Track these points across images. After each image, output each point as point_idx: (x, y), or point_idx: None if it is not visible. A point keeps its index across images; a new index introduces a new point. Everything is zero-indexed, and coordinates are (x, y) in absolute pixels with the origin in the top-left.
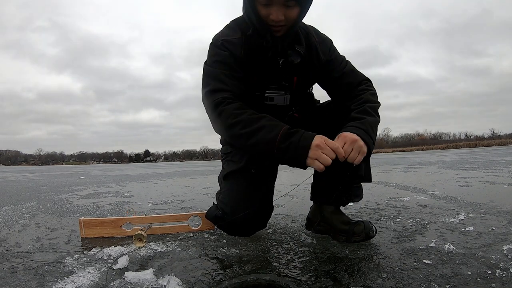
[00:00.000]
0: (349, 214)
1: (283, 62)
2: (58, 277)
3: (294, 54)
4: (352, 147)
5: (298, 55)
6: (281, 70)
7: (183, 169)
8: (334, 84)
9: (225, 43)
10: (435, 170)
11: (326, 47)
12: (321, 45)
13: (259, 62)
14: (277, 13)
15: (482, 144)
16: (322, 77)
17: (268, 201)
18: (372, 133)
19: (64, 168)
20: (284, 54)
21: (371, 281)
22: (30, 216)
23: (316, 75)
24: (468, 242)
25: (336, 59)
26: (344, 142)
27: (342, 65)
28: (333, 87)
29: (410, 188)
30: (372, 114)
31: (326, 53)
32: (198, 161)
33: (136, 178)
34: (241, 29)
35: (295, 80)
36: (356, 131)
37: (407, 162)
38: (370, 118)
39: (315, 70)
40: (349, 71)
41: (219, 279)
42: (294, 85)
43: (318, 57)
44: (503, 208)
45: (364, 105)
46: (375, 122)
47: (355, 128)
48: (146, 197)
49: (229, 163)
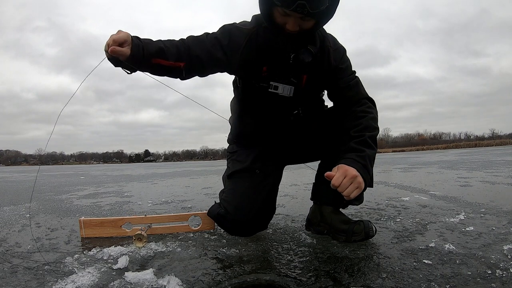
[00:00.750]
0: (349, 214)
1: (294, 58)
2: (58, 277)
3: (306, 52)
4: (351, 182)
5: (309, 54)
6: (291, 66)
7: (183, 169)
8: (338, 94)
9: (234, 29)
10: (435, 170)
11: (339, 55)
12: (334, 51)
13: (270, 55)
14: (293, 24)
15: (482, 144)
16: (329, 83)
17: (270, 203)
18: (370, 167)
19: (64, 168)
20: (296, 51)
21: (371, 281)
22: (30, 216)
23: (325, 79)
24: (468, 242)
25: (347, 69)
26: (344, 176)
27: (350, 77)
28: (336, 97)
29: (410, 188)
30: (372, 146)
31: (338, 60)
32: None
33: (136, 178)
34: (259, 22)
35: (304, 78)
36: (355, 165)
37: (407, 162)
38: (370, 151)
39: (324, 73)
40: (355, 84)
41: (219, 279)
42: (303, 83)
43: (329, 61)
44: (503, 208)
45: (364, 134)
46: (373, 155)
47: (355, 162)
48: (146, 197)
49: (234, 162)
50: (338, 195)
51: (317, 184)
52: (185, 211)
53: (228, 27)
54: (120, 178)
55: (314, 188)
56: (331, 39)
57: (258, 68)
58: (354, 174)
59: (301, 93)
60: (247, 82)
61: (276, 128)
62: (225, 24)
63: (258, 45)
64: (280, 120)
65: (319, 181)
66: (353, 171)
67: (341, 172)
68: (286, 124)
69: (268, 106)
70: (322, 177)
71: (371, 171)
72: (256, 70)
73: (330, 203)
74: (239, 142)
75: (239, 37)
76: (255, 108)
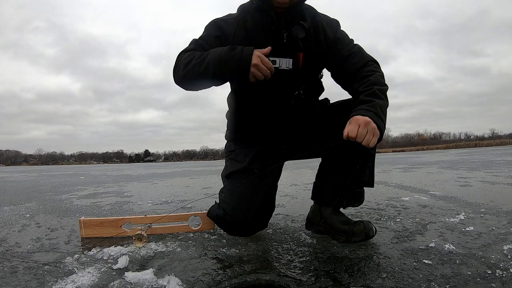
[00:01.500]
0: (349, 214)
1: (288, 36)
2: (58, 277)
3: (298, 28)
4: (367, 130)
5: (302, 29)
6: (286, 44)
7: (183, 169)
8: (342, 65)
9: (219, 21)
10: (435, 170)
11: (334, 28)
12: (328, 24)
13: (263, 37)
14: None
15: (482, 144)
16: (330, 57)
17: (269, 203)
18: (383, 116)
19: (64, 168)
20: (288, 28)
21: (371, 281)
22: (30, 216)
23: (323, 56)
24: (468, 242)
25: (344, 38)
26: (358, 125)
27: (350, 45)
28: (340, 68)
29: (410, 188)
30: (381, 97)
31: (334, 32)
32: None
33: (136, 178)
34: (244, 11)
35: (301, 57)
36: (367, 113)
37: (407, 162)
38: (380, 101)
39: (322, 49)
40: (357, 51)
41: (219, 279)
42: (301, 62)
43: (325, 35)
44: (503, 208)
45: (372, 87)
46: (385, 105)
47: (366, 110)
48: (146, 197)
49: (232, 162)
50: (339, 197)
51: (317, 184)
52: (185, 211)
53: (213, 21)
54: (120, 178)
55: (314, 188)
56: (321, 15)
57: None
58: (367, 120)
59: (299, 73)
60: None
61: (277, 115)
62: (210, 21)
63: (247, 30)
64: (281, 104)
65: (320, 181)
66: (365, 119)
67: (354, 122)
68: (286, 109)
69: (267, 89)
70: (322, 177)
71: (384, 118)
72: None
73: (330, 204)
74: (237, 139)
75: (227, 28)
76: (254, 96)
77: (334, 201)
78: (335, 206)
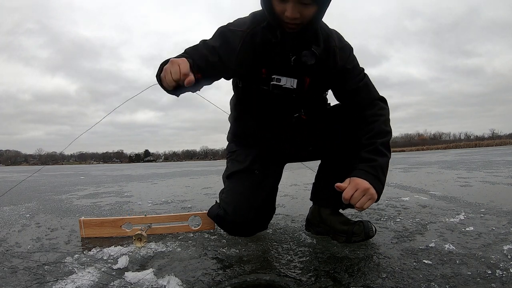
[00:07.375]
0: (348, 215)
1: (295, 60)
2: (58, 277)
3: (308, 54)
4: (363, 194)
5: (313, 56)
6: (293, 68)
7: (183, 169)
8: (346, 97)
9: (226, 31)
10: (435, 170)
11: (346, 54)
12: (340, 51)
13: (267, 56)
14: (292, 10)
15: (482, 144)
16: (336, 84)
17: (270, 203)
18: (383, 177)
19: (64, 168)
20: (297, 52)
21: (371, 281)
22: (30, 216)
23: (330, 80)
24: (468, 242)
25: (355, 69)
26: (355, 189)
27: (359, 78)
28: (345, 100)
29: (410, 188)
30: (383, 153)
31: (344, 60)
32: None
33: (136, 178)
34: (255, 21)
35: (307, 81)
36: (367, 177)
37: (407, 162)
38: (382, 159)
39: (330, 74)
40: (364, 86)
41: (219, 279)
42: (306, 86)
43: (334, 61)
44: (503, 208)
45: (375, 142)
46: (386, 163)
47: (366, 173)
48: (146, 197)
49: (233, 162)
50: (338, 198)
51: (316, 185)
52: (185, 211)
53: (221, 29)
54: (120, 178)
55: (313, 189)
56: (336, 37)
57: (257, 70)
58: (366, 186)
59: (303, 95)
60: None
61: (277, 129)
62: (220, 27)
63: (255, 46)
64: (282, 121)
65: (319, 182)
66: (365, 184)
67: (353, 185)
68: (287, 125)
69: (269, 107)
70: (322, 178)
71: (383, 181)
72: (255, 72)
73: (329, 206)
74: (239, 141)
75: (233, 41)
76: (256, 109)
77: (333, 202)
78: (334, 207)
